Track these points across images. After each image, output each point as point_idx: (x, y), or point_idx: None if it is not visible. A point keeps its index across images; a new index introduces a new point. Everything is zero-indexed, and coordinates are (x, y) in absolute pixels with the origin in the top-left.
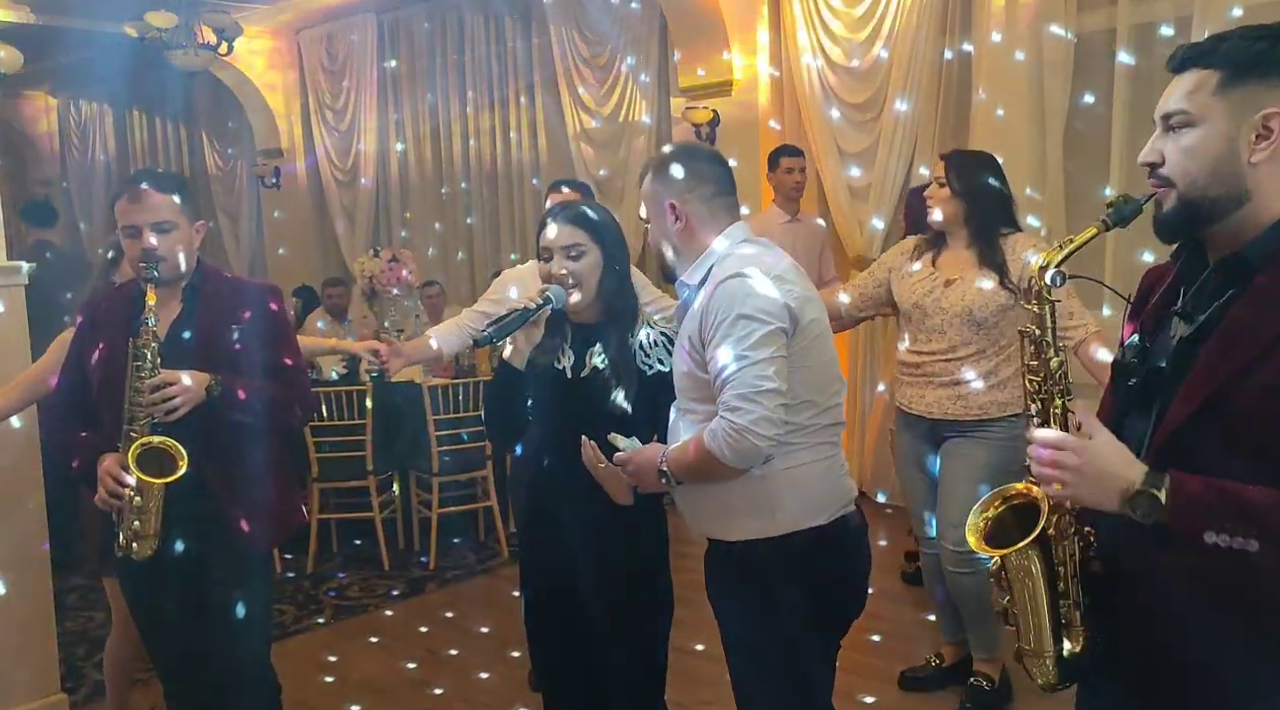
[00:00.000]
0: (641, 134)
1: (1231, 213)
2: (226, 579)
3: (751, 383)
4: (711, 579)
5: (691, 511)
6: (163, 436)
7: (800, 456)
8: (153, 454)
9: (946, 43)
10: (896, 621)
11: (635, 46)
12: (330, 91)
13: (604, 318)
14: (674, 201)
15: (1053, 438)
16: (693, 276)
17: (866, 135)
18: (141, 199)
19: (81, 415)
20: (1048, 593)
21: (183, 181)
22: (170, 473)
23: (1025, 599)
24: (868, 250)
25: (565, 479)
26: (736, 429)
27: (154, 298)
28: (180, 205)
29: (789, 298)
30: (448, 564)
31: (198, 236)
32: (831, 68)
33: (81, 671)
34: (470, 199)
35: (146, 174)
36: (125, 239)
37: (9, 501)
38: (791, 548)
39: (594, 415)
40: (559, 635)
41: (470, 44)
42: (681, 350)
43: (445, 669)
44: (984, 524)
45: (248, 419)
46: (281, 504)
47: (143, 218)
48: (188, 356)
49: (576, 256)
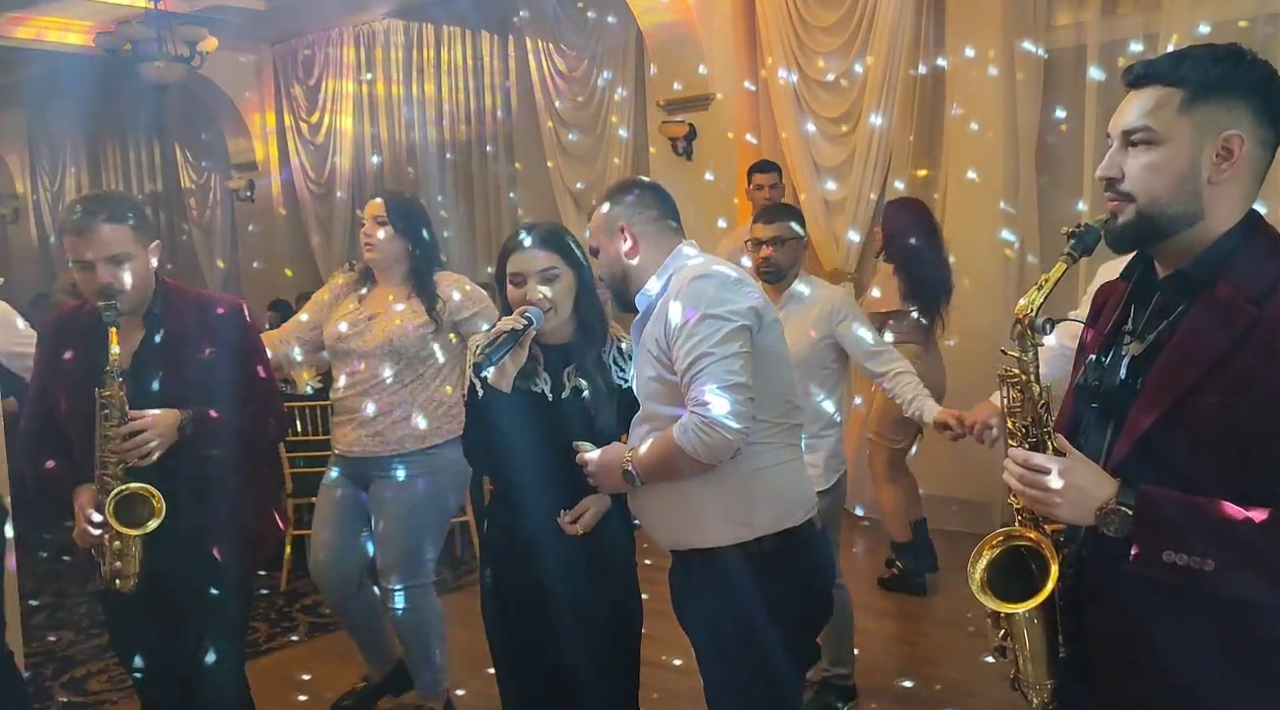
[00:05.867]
0: (618, 148)
1: (1184, 229)
2: (201, 603)
3: (720, 377)
4: (681, 590)
5: (662, 522)
6: (140, 483)
7: (770, 457)
8: (130, 500)
9: (920, 57)
10: (876, 635)
11: (612, 61)
12: (306, 105)
13: (578, 337)
14: (623, 223)
15: (1036, 460)
16: (654, 285)
17: (842, 149)
18: (91, 231)
19: (52, 441)
20: (1047, 636)
21: (132, 205)
22: (148, 516)
23: (1026, 641)
24: (844, 264)
25: (550, 500)
26: (707, 422)
27: (116, 341)
28: (133, 231)
29: (751, 298)
30: None
31: (154, 256)
32: (806, 82)
33: (49, 692)
34: (446, 213)
35: (94, 202)
36: (79, 272)
37: None
38: (766, 551)
39: (575, 435)
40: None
41: (447, 57)
42: (647, 355)
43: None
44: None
45: (221, 451)
46: (258, 526)
47: (94, 252)
48: (155, 382)
49: (552, 279)
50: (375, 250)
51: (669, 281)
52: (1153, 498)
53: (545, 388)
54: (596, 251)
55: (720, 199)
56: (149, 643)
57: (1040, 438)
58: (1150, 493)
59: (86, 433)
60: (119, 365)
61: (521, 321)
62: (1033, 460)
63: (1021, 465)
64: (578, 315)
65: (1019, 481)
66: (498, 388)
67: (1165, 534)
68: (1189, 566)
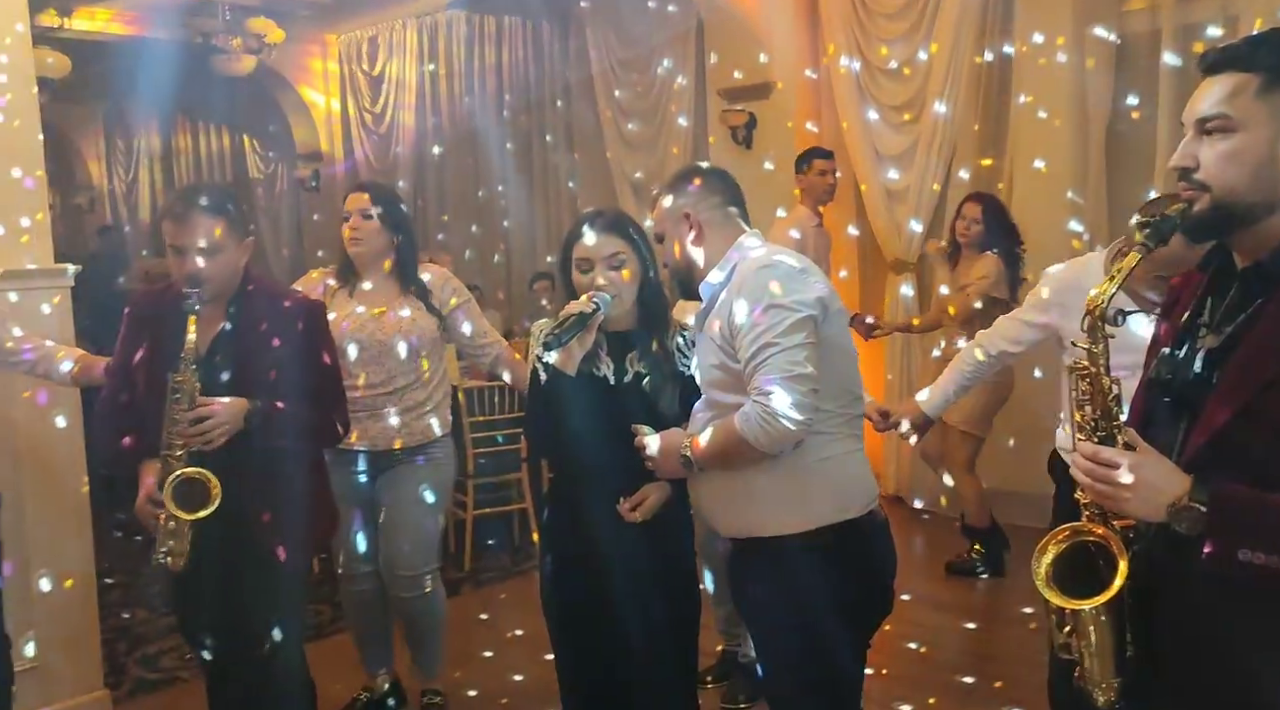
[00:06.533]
0: (678, 137)
1: (1263, 218)
2: (262, 592)
3: (784, 368)
4: (740, 577)
5: (722, 509)
6: (199, 468)
7: (832, 448)
8: (188, 484)
9: (986, 44)
10: (937, 630)
11: (672, 49)
12: (370, 95)
13: (640, 323)
14: (688, 210)
15: (1105, 454)
16: (716, 276)
17: (905, 138)
18: (188, 221)
19: (128, 419)
20: (1114, 634)
21: (231, 199)
22: (204, 503)
23: (1092, 638)
24: (906, 253)
25: (611, 485)
26: (770, 413)
27: (194, 329)
28: (228, 225)
29: (817, 288)
30: (482, 566)
31: (244, 253)
32: (869, 70)
33: (124, 667)
34: (507, 202)
35: (195, 194)
36: (172, 256)
37: (54, 500)
38: (826, 541)
39: (637, 421)
40: (591, 639)
41: (508, 48)
42: (710, 343)
43: (480, 671)
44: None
45: (284, 443)
46: (317, 518)
47: (188, 240)
48: (226, 372)
49: (618, 266)
50: (362, 243)
51: (733, 271)
52: (1228, 495)
53: (608, 373)
54: (661, 238)
55: (780, 188)
56: (212, 624)
57: (1110, 431)
58: (1225, 489)
59: (160, 413)
60: (194, 352)
61: (590, 306)
62: (1102, 454)
63: (1090, 459)
64: (641, 302)
65: (1087, 476)
66: (563, 370)
67: (1240, 532)
68: (1264, 565)
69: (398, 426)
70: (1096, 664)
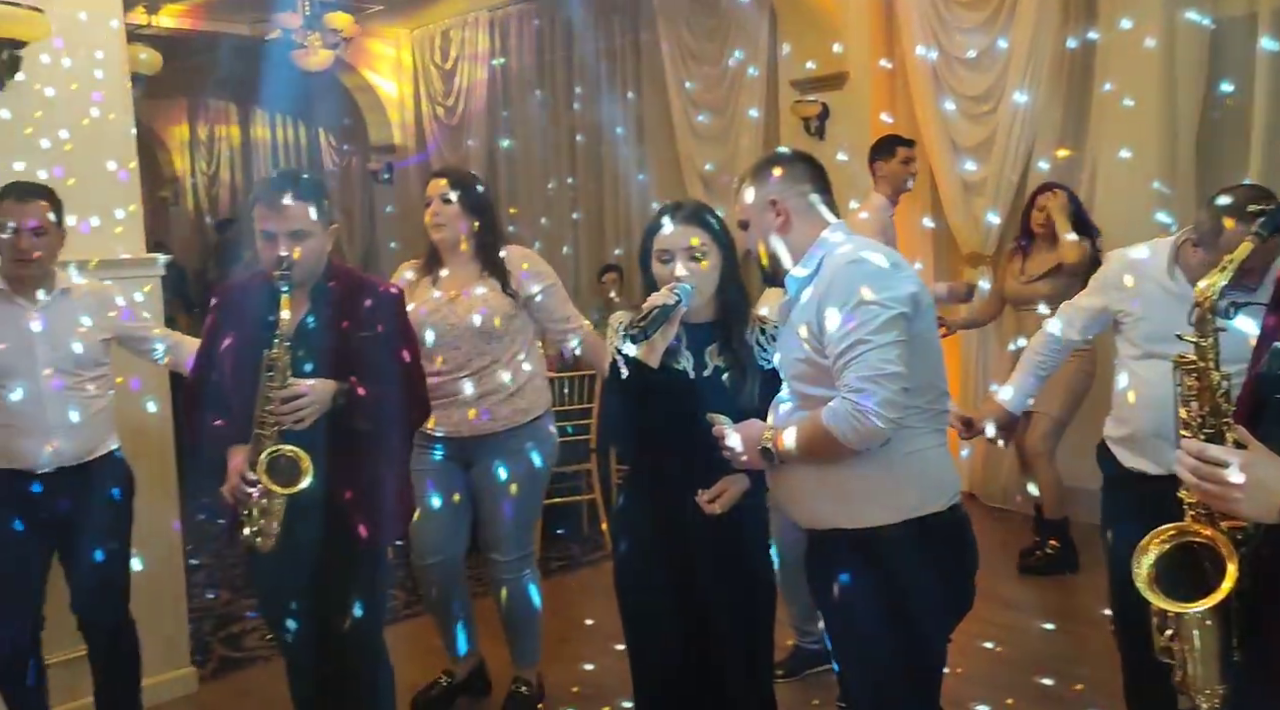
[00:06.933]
0: (749, 128)
1: None
2: (342, 571)
3: (876, 365)
4: (819, 569)
5: (803, 501)
6: (293, 446)
7: (921, 440)
8: (281, 461)
9: (1070, 31)
10: (1011, 629)
11: (743, 40)
12: (442, 88)
13: (721, 317)
14: (774, 197)
15: (1213, 452)
16: (804, 267)
17: (982, 128)
18: (280, 207)
19: (216, 403)
20: (1220, 638)
21: (321, 187)
22: (297, 480)
23: (1196, 643)
24: (983, 246)
25: (688, 477)
26: (860, 410)
27: (288, 308)
28: (316, 211)
29: (909, 284)
30: (552, 555)
31: (330, 239)
32: (946, 59)
33: (208, 646)
34: (576, 194)
35: (285, 180)
36: (260, 240)
37: (145, 483)
38: (910, 534)
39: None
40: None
41: (579, 40)
42: (795, 337)
43: (551, 658)
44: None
45: (368, 425)
46: (398, 502)
47: (279, 225)
48: (313, 355)
49: (700, 257)
50: (443, 228)
51: (820, 265)
52: None
53: (687, 365)
54: (745, 225)
55: (854, 179)
56: (293, 605)
57: (1218, 428)
58: None
59: (247, 397)
60: (288, 329)
61: (672, 297)
62: (1209, 452)
63: (1196, 457)
64: (722, 294)
65: (1194, 474)
66: (646, 363)
67: None
68: None
69: (479, 411)
70: (1200, 670)
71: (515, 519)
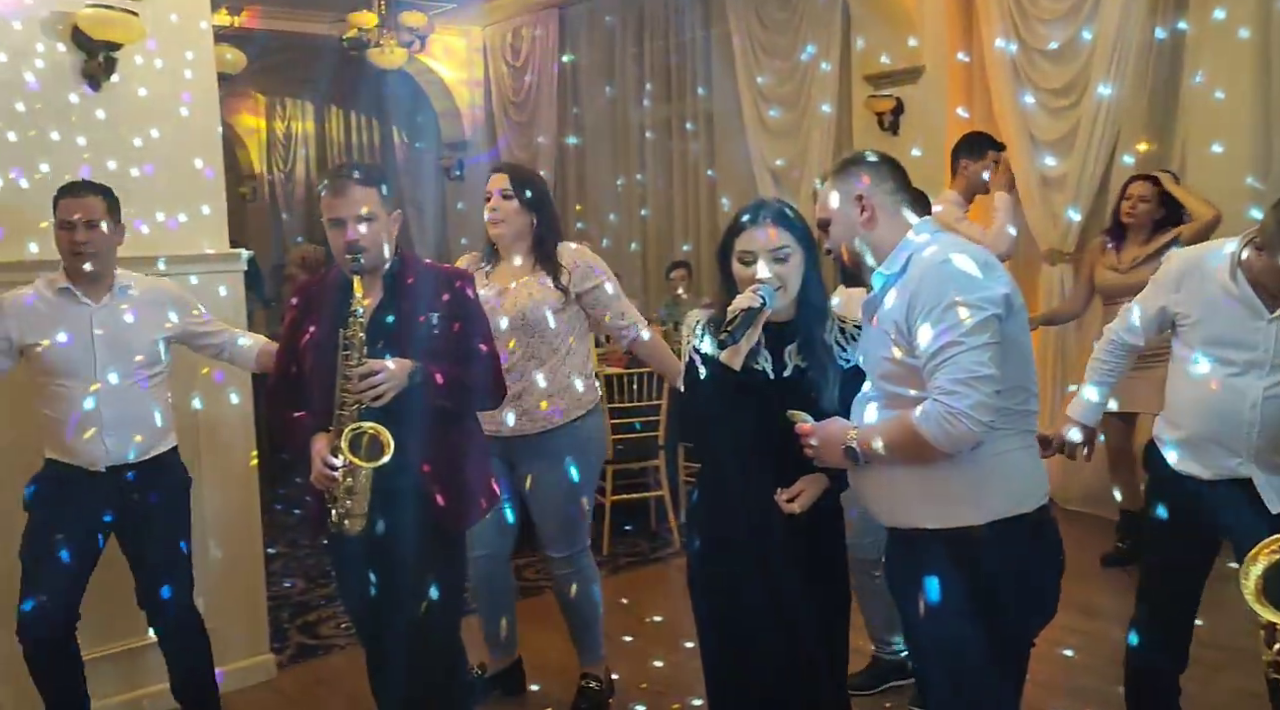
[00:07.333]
0: (820, 123)
1: None
2: (423, 555)
3: (969, 368)
4: (900, 570)
5: (888, 500)
6: (373, 423)
7: (1009, 442)
8: (363, 439)
9: (1158, 21)
10: (1090, 635)
11: (816, 34)
12: (512, 86)
13: (801, 317)
14: (862, 193)
15: None
16: (890, 266)
17: (1063, 122)
18: (346, 192)
19: (296, 396)
20: None
21: (383, 174)
22: (379, 455)
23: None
24: (1062, 243)
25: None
26: (953, 413)
27: (360, 288)
28: (381, 197)
29: (1003, 284)
30: (621, 551)
31: (395, 226)
32: (1027, 52)
33: (286, 634)
34: (645, 191)
35: (351, 167)
36: (330, 229)
37: (227, 474)
38: (999, 534)
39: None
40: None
41: (649, 36)
42: (883, 336)
43: (620, 654)
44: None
45: (445, 403)
46: (475, 486)
47: (347, 210)
48: (389, 341)
49: (783, 258)
50: (503, 224)
51: (907, 264)
52: None
53: (766, 366)
54: (827, 224)
55: (928, 176)
56: (371, 592)
57: None
58: None
59: (327, 389)
60: (362, 308)
61: (757, 300)
62: None
63: None
64: (802, 294)
65: None
66: (729, 365)
67: None
68: None
69: (521, 410)
70: None
71: (561, 517)
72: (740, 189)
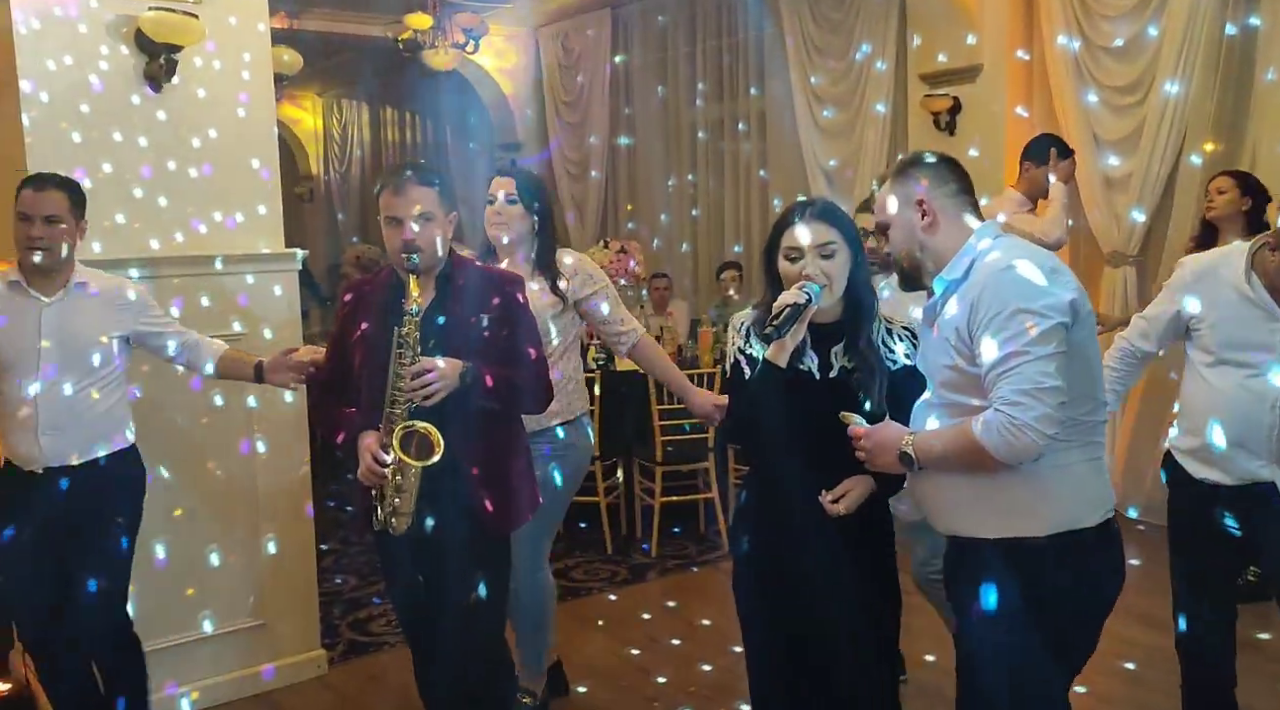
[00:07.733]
0: (874, 123)
1: None
2: (470, 556)
3: (1034, 378)
4: (958, 578)
5: (947, 507)
6: (424, 422)
7: (1072, 454)
8: (414, 438)
9: (1229, 16)
10: (1150, 648)
11: (871, 33)
12: (565, 86)
13: (847, 316)
14: (923, 196)
15: None
16: (952, 272)
17: (1128, 121)
18: (405, 191)
19: (346, 394)
20: None
21: (441, 175)
22: (429, 454)
23: None
24: (1126, 245)
25: (812, 478)
26: (1016, 424)
27: (417, 287)
28: (438, 197)
29: (1070, 291)
30: (669, 553)
31: (450, 227)
32: (1090, 49)
33: (337, 630)
34: (696, 191)
35: (409, 167)
36: (387, 228)
37: (280, 470)
38: (1060, 546)
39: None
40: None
41: (702, 35)
42: (943, 342)
43: (667, 657)
44: None
45: (494, 405)
46: (523, 488)
47: (405, 209)
48: (440, 341)
49: (830, 255)
50: (505, 227)
51: (970, 269)
52: None
53: (812, 366)
54: (886, 227)
55: (987, 176)
56: (418, 590)
57: None
58: None
59: (377, 386)
60: (417, 307)
61: (803, 296)
62: None
63: None
64: (848, 294)
65: None
66: (774, 363)
67: None
68: None
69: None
70: None
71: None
72: (792, 190)
